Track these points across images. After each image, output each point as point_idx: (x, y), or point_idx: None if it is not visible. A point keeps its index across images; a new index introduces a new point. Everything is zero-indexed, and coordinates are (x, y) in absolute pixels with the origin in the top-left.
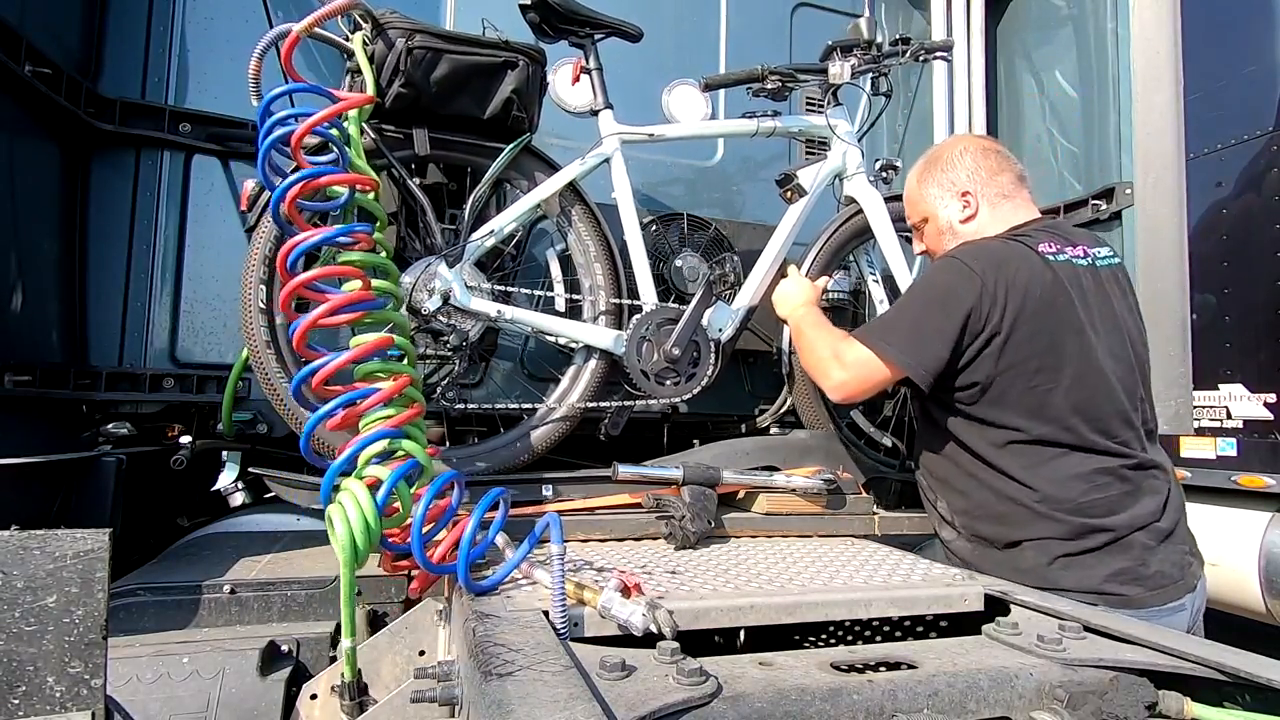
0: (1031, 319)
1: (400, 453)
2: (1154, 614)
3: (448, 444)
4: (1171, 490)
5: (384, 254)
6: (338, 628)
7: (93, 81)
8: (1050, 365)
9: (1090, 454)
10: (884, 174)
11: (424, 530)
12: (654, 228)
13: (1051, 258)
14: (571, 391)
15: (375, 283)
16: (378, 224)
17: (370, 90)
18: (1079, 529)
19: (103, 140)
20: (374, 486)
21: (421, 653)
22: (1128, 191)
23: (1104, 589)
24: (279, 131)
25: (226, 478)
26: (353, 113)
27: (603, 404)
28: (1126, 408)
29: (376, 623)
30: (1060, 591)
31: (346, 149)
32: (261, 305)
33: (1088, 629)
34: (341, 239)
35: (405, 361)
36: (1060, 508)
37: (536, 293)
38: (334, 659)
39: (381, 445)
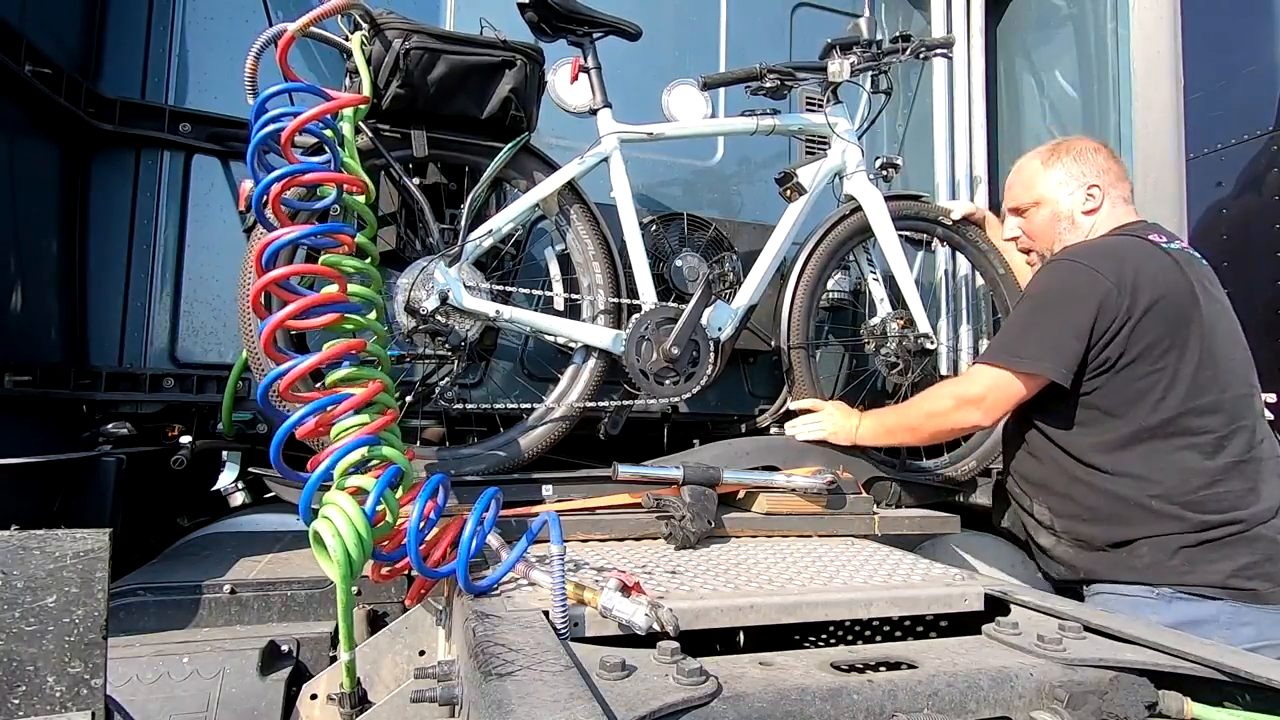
0: (1156, 303)
1: (378, 460)
2: None
3: (447, 444)
4: None
5: (369, 258)
6: (338, 627)
7: (93, 81)
8: (1177, 347)
9: (1213, 446)
10: (884, 172)
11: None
12: (654, 228)
13: (1165, 245)
14: (570, 391)
15: (352, 287)
16: (366, 228)
17: (367, 90)
18: (1200, 525)
19: (103, 140)
20: (355, 494)
21: (421, 653)
22: None
23: (1230, 584)
24: (270, 128)
25: (226, 478)
26: (348, 112)
27: (602, 404)
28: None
29: (376, 623)
30: (1181, 587)
31: (339, 149)
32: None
33: (1088, 629)
34: (322, 240)
35: (379, 368)
36: (1182, 503)
37: (535, 292)
38: (334, 659)
39: (359, 454)
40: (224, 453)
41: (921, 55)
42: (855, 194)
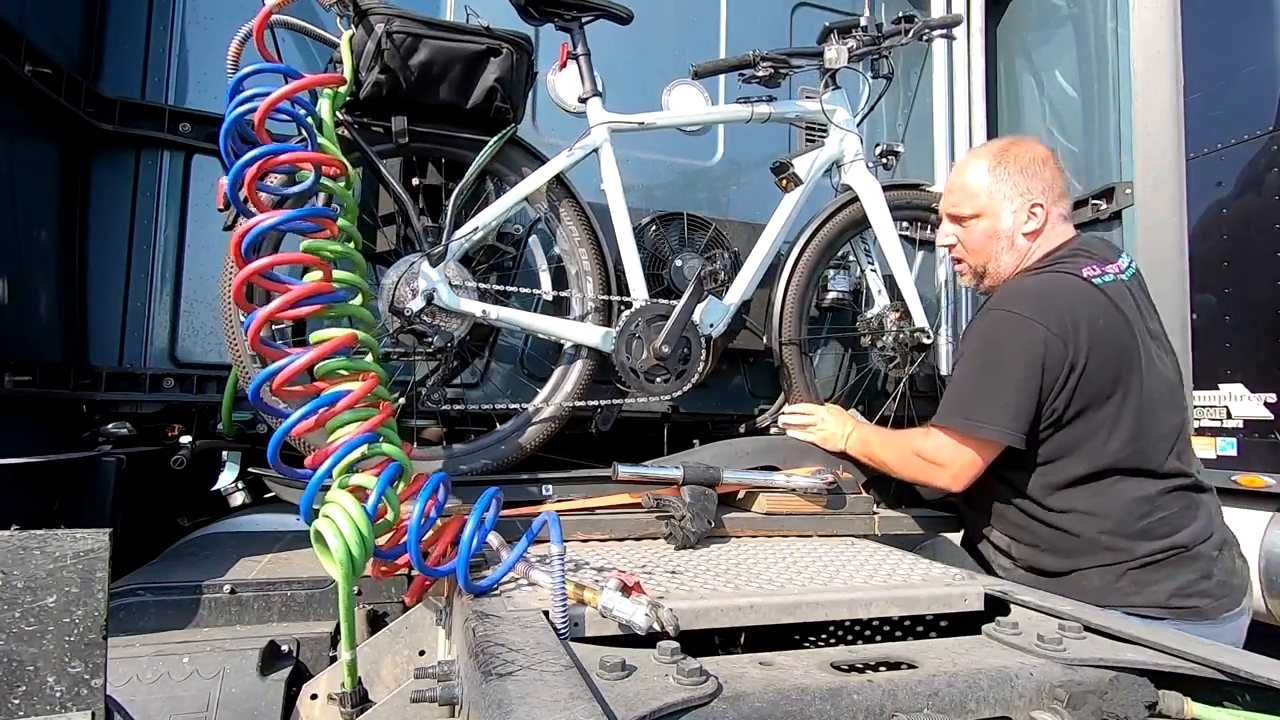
0: (1097, 349)
1: (378, 457)
2: (1222, 623)
3: (445, 444)
4: (1213, 497)
5: (353, 244)
6: (338, 627)
7: (93, 81)
8: (1120, 390)
9: (1153, 476)
10: (884, 160)
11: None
12: (653, 228)
13: (1099, 280)
14: (560, 390)
15: (337, 274)
16: (348, 214)
17: (347, 74)
18: (1146, 551)
19: (103, 140)
20: (355, 492)
21: (422, 653)
22: (1128, 191)
23: (1171, 603)
24: (242, 108)
25: (226, 478)
26: (326, 98)
27: (591, 402)
28: (1179, 421)
29: (377, 623)
30: (1129, 608)
31: (317, 132)
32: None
33: (1088, 629)
34: (303, 224)
35: (370, 359)
36: (1128, 534)
37: (524, 290)
38: (334, 659)
39: (359, 453)
40: (224, 453)
41: (925, 37)
42: (853, 184)
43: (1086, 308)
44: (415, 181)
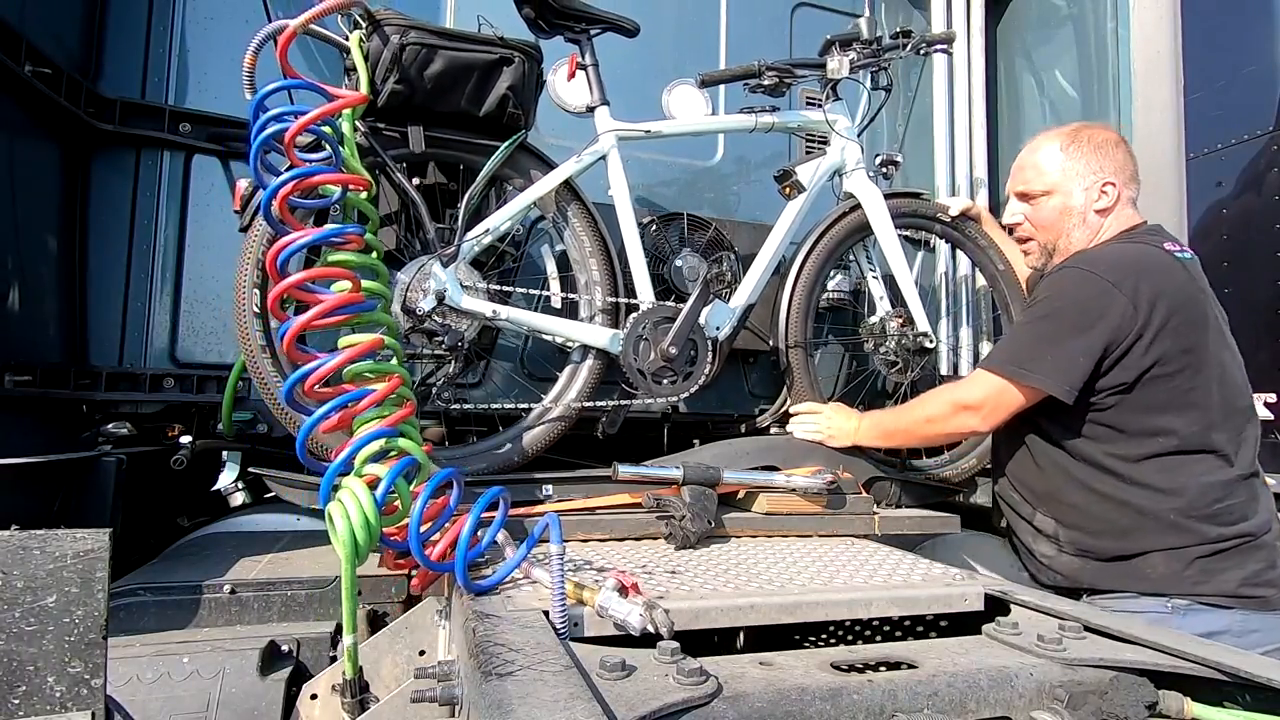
0: (1174, 319)
1: (396, 451)
2: None
3: (446, 444)
4: (1268, 490)
5: (375, 254)
6: (338, 627)
7: (93, 81)
8: (1192, 365)
9: (1226, 461)
10: (884, 169)
11: (422, 528)
12: (654, 228)
13: (1179, 255)
14: (568, 391)
15: (365, 284)
16: (370, 224)
17: (364, 88)
18: (1216, 537)
19: (103, 140)
20: (373, 484)
21: (422, 653)
22: None
23: (1241, 592)
24: (272, 128)
25: (226, 478)
26: (346, 110)
27: (599, 403)
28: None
29: (377, 622)
30: (1196, 597)
31: (340, 147)
32: (255, 309)
33: (1088, 629)
34: (332, 239)
35: (395, 361)
36: (1199, 517)
37: (533, 292)
38: (334, 659)
39: (378, 445)
40: (224, 453)
41: (922, 51)
42: (854, 191)
43: (1166, 278)
44: (416, 181)
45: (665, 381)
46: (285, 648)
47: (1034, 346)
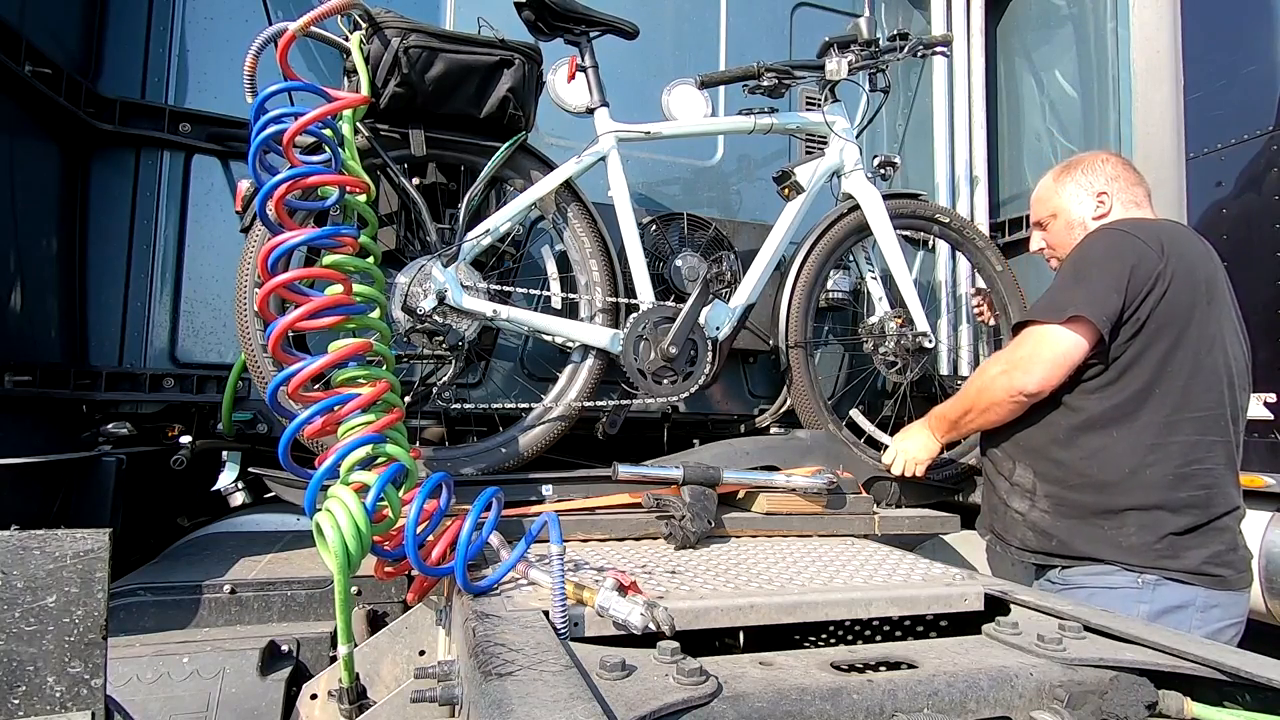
0: (1189, 271)
1: (383, 458)
2: (1241, 594)
3: (446, 444)
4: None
5: (371, 258)
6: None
7: (93, 81)
8: (1198, 320)
9: (1206, 423)
10: (882, 170)
11: (416, 532)
12: (654, 228)
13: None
14: (568, 391)
15: (356, 287)
16: (367, 227)
17: (365, 90)
18: (1182, 503)
19: (103, 140)
20: (360, 492)
21: (421, 653)
22: None
23: (1203, 570)
24: (271, 129)
25: (226, 478)
26: (347, 112)
27: (600, 403)
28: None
29: (376, 623)
30: (1164, 572)
31: (340, 149)
32: (256, 309)
33: (1088, 629)
34: (325, 241)
35: (384, 368)
36: (1173, 472)
37: (533, 292)
38: (334, 659)
39: (364, 451)
40: (224, 453)
41: (919, 53)
42: (853, 192)
43: (1185, 237)
44: (416, 182)
45: (665, 381)
46: (285, 648)
47: (1067, 292)
